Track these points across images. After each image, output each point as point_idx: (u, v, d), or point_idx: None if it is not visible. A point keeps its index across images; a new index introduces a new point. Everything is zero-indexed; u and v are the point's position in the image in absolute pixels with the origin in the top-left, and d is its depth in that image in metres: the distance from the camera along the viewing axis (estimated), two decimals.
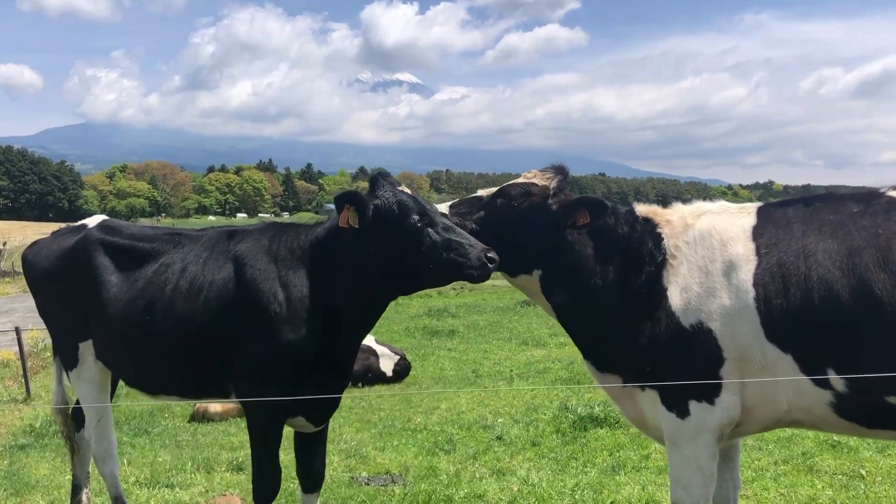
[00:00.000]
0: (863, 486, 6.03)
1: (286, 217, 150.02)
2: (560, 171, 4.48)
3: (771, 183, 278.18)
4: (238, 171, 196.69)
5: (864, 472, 6.35)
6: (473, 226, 4.44)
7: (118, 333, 5.06)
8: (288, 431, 4.99)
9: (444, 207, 4.55)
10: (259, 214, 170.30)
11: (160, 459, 7.88)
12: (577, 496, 6.23)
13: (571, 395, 10.33)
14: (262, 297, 4.66)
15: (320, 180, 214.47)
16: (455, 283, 4.76)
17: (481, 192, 4.59)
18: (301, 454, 5.14)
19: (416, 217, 4.39)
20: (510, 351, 15.14)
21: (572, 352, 14.73)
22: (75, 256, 5.28)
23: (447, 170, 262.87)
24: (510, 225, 4.37)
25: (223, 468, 7.47)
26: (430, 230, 4.37)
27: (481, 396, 10.73)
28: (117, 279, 5.13)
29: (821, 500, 5.82)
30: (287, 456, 5.43)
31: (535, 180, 4.41)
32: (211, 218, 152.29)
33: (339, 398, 5.00)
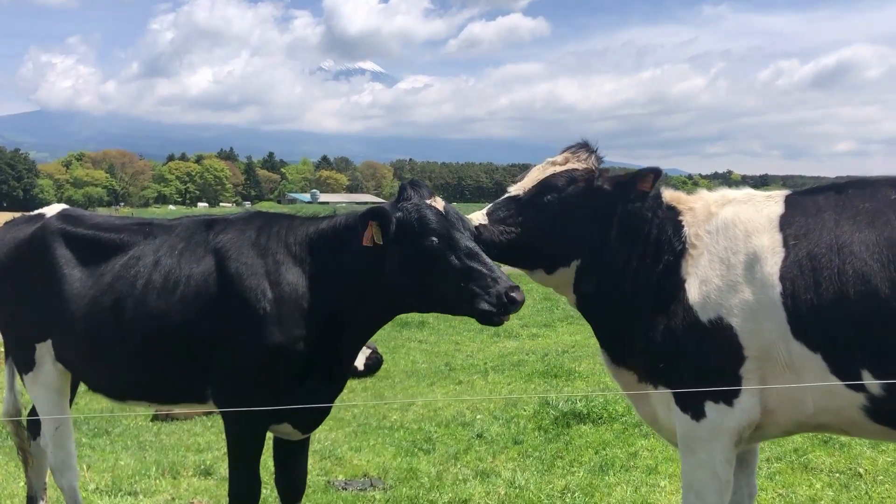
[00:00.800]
0: (864, 486, 5.83)
1: (248, 206, 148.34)
2: (590, 148, 4.16)
3: (729, 173, 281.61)
4: (199, 160, 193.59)
5: (861, 471, 6.15)
6: (519, 229, 4.04)
7: (82, 333, 4.60)
8: (267, 436, 4.60)
9: (479, 216, 4.10)
10: (220, 204, 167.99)
11: (122, 463, 7.43)
12: (567, 500, 5.94)
13: (550, 389, 10.06)
14: (249, 295, 4.23)
15: (282, 169, 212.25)
16: None
17: (514, 190, 4.17)
18: (281, 462, 4.74)
19: (434, 239, 3.96)
20: (482, 343, 14.85)
21: (546, 343, 14.53)
22: (32, 248, 4.79)
23: (410, 159, 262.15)
24: (559, 219, 4.01)
25: (190, 472, 7.04)
26: (449, 254, 3.93)
27: (457, 391, 10.42)
28: (81, 273, 4.66)
29: (822, 501, 5.61)
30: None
31: (573, 164, 4.08)
32: (171, 207, 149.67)
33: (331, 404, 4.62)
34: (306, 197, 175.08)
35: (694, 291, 3.69)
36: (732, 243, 3.68)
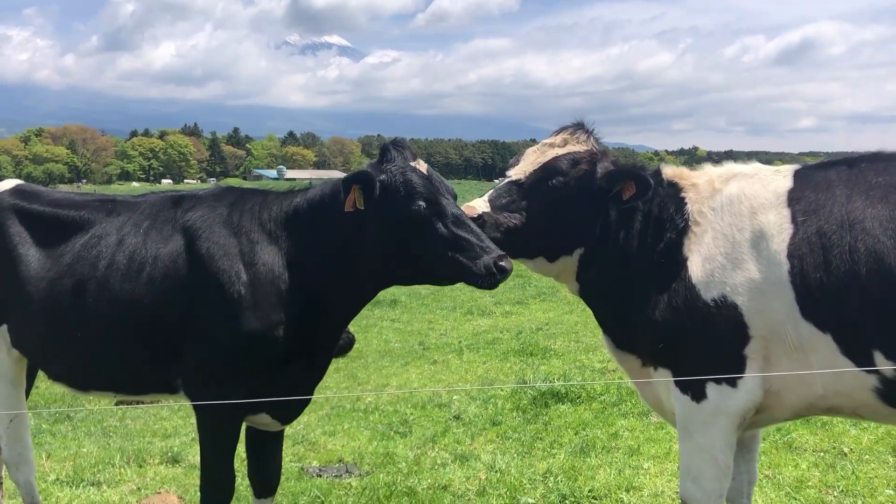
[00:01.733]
0: (850, 466, 5.73)
1: (213, 183, 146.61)
2: (586, 128, 3.97)
3: (695, 149, 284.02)
4: (162, 136, 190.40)
5: (846, 450, 6.06)
6: (523, 215, 3.83)
7: (40, 318, 4.26)
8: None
9: (481, 203, 3.86)
10: (185, 180, 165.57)
11: (84, 451, 7.13)
12: (550, 484, 5.76)
13: (526, 367, 9.92)
14: (221, 277, 3.93)
15: (248, 145, 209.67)
16: None
17: (513, 174, 3.94)
18: (255, 453, 4.47)
19: (421, 203, 3.73)
20: (455, 321, 14.69)
21: (519, 321, 14.41)
22: None
23: (379, 135, 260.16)
24: (564, 204, 3.82)
25: (156, 460, 6.76)
26: (436, 221, 3.72)
27: (432, 371, 10.23)
28: (38, 253, 4.31)
29: (810, 482, 5.49)
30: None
31: (573, 147, 3.89)
32: (135, 184, 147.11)
33: (311, 392, 4.36)
34: (273, 173, 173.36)
35: (697, 269, 3.54)
36: (738, 220, 3.52)
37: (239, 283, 3.92)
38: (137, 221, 4.23)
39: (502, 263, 3.66)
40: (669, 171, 3.91)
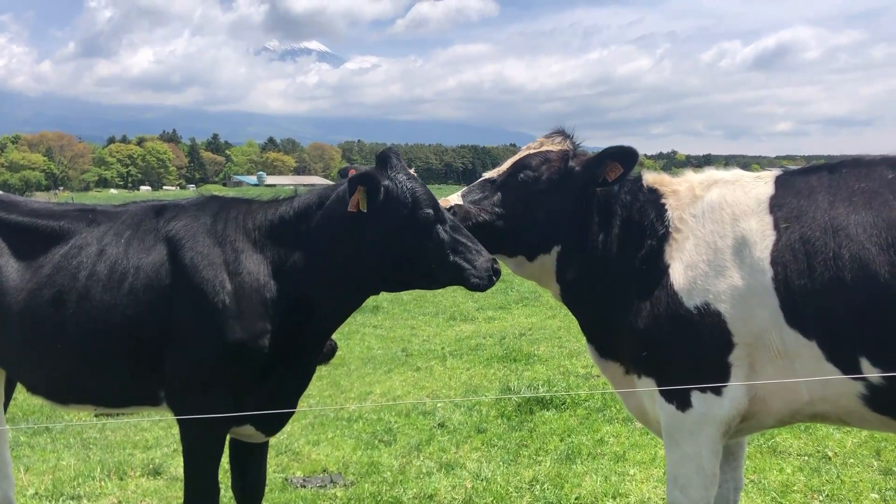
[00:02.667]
0: (834, 470, 5.76)
1: (192, 189, 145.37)
2: (565, 133, 4.03)
3: (674, 153, 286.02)
4: (140, 142, 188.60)
5: (830, 454, 6.09)
6: (495, 210, 3.95)
7: (18, 330, 4.16)
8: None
9: (455, 198, 4.02)
10: (164, 187, 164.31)
11: (64, 464, 7.00)
12: (536, 492, 5.74)
13: (510, 374, 9.89)
14: (206, 287, 3.88)
15: (227, 151, 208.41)
16: None
17: (489, 174, 4.09)
18: (238, 465, 4.40)
19: (429, 210, 3.83)
20: (438, 327, 14.62)
21: (502, 326, 14.37)
22: None
23: (359, 140, 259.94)
24: (534, 199, 3.90)
25: (137, 473, 6.65)
26: (440, 227, 3.85)
27: (416, 378, 10.17)
28: (16, 264, 4.21)
29: (795, 487, 5.51)
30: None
31: (547, 147, 3.97)
32: (113, 191, 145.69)
33: (297, 402, 4.32)
34: (253, 179, 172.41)
35: (679, 277, 3.54)
36: (719, 227, 3.53)
37: (223, 293, 3.88)
38: (118, 231, 4.17)
39: (497, 266, 3.84)
40: (650, 177, 3.92)
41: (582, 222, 3.88)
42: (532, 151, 3.99)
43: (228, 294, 3.88)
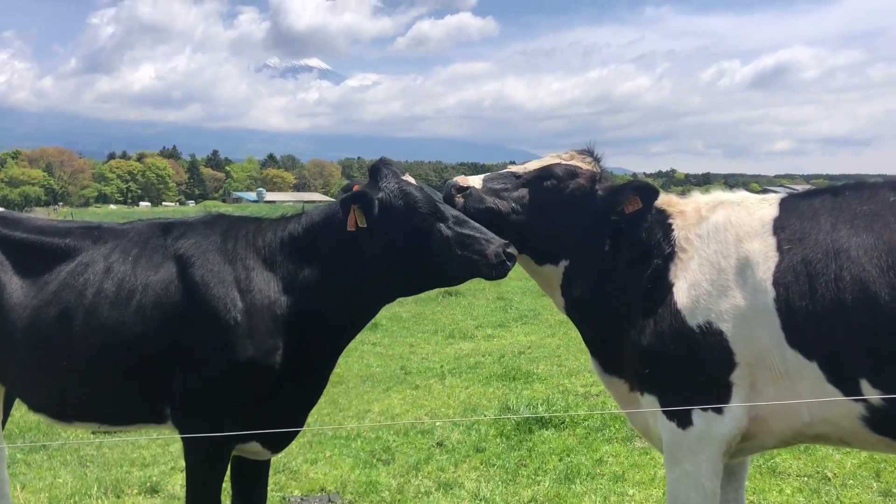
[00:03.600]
0: (834, 491, 5.75)
1: (192, 205, 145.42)
2: (594, 155, 4.08)
3: (673, 171, 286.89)
4: (140, 158, 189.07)
5: (829, 475, 6.08)
6: (512, 205, 3.96)
7: (22, 347, 4.16)
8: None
9: (477, 181, 4.05)
10: (163, 203, 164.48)
11: (60, 481, 6.97)
12: None
13: (509, 392, 9.87)
14: (217, 304, 3.89)
15: (227, 167, 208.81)
16: None
17: (515, 168, 4.13)
18: (240, 482, 4.38)
19: (424, 212, 3.85)
20: (437, 345, 14.59)
21: (501, 344, 14.35)
22: None
23: (359, 157, 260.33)
24: (554, 208, 3.93)
25: (135, 490, 6.63)
26: (440, 225, 3.87)
27: (414, 396, 10.15)
28: (21, 281, 4.21)
29: None
30: None
31: (576, 163, 4.00)
32: (112, 207, 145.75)
33: (304, 419, 4.31)
34: (252, 196, 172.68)
35: (682, 295, 3.57)
36: (723, 247, 3.56)
37: (235, 311, 3.89)
38: (125, 249, 4.18)
39: (510, 250, 3.84)
40: (659, 198, 3.95)
41: (593, 243, 3.92)
42: (562, 162, 4.03)
43: (240, 311, 3.90)
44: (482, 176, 4.12)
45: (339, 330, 4.13)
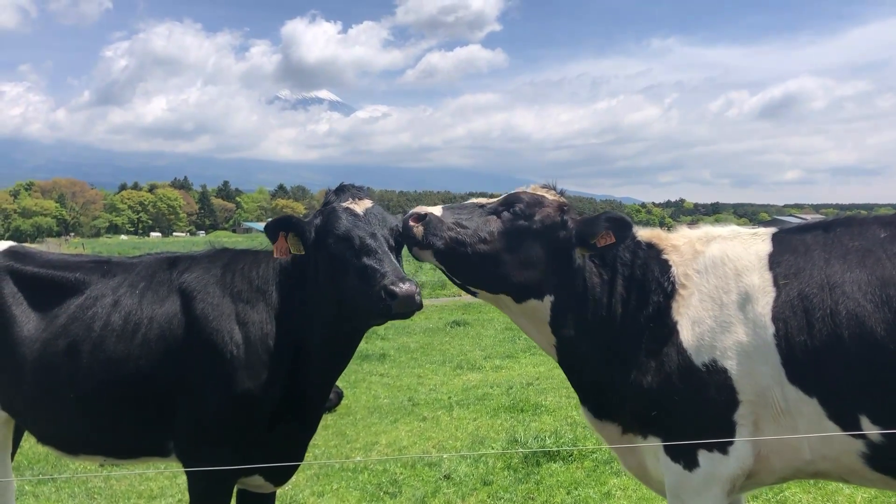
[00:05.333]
0: None
1: (202, 236, 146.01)
2: (559, 191, 3.97)
3: (682, 201, 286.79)
4: (152, 189, 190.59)
5: None
6: (478, 234, 3.70)
7: (31, 379, 4.23)
8: None
9: (438, 210, 3.83)
10: (174, 234, 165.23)
11: None
12: None
13: (517, 424, 9.83)
14: (216, 338, 3.95)
15: (238, 198, 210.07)
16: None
17: (479, 200, 3.96)
18: None
19: (331, 240, 3.73)
20: (445, 375, 14.55)
21: (509, 375, 14.30)
22: None
23: (368, 187, 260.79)
24: (523, 236, 3.71)
25: None
26: (347, 254, 3.69)
27: (422, 428, 10.12)
28: (31, 314, 4.30)
29: None
30: None
31: (542, 193, 3.86)
32: (123, 237, 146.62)
33: (304, 451, 4.33)
34: (262, 226, 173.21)
35: (687, 333, 3.51)
36: (723, 282, 3.53)
37: (232, 343, 3.94)
38: (133, 282, 4.25)
39: (392, 287, 3.47)
40: (646, 233, 3.88)
41: (579, 276, 3.75)
42: (528, 190, 3.91)
43: (237, 344, 3.94)
44: (442, 206, 3.88)
45: (326, 359, 4.06)
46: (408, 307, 3.50)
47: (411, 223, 3.76)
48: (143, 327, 4.08)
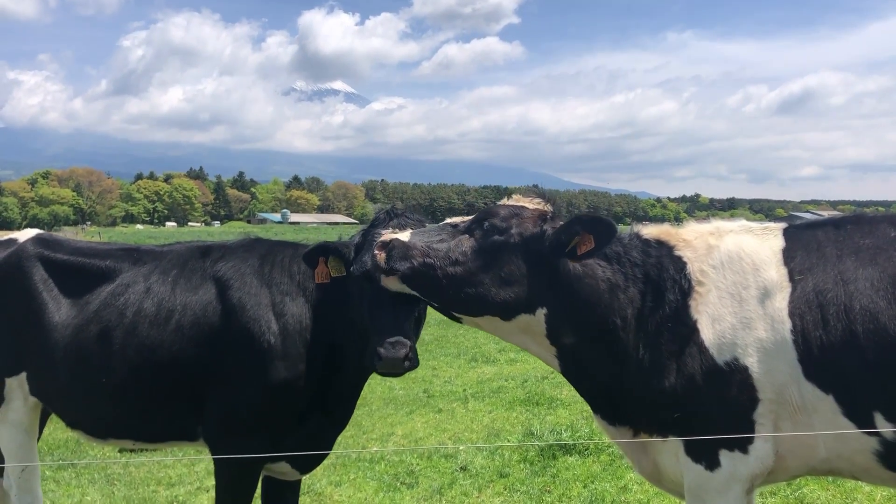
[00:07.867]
0: None
1: (217, 226, 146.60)
2: (546, 197, 3.80)
3: (697, 196, 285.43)
4: (167, 179, 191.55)
5: None
6: (451, 255, 3.52)
7: (63, 365, 4.27)
8: None
9: (405, 235, 3.62)
10: (189, 223, 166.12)
11: (88, 499, 7.07)
12: None
13: (533, 417, 9.85)
14: (253, 327, 3.97)
15: (253, 189, 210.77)
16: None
17: (452, 220, 3.80)
18: (269, 502, 4.45)
19: (356, 276, 3.80)
20: (460, 368, 14.58)
21: (524, 368, 14.30)
22: (6, 274, 4.43)
23: (382, 179, 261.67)
24: (501, 253, 3.54)
25: None
26: (360, 300, 3.79)
27: (437, 420, 10.15)
28: (62, 301, 4.33)
29: None
30: None
31: (523, 203, 3.72)
32: (139, 227, 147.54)
33: (332, 444, 4.34)
34: (277, 217, 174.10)
35: (708, 332, 3.42)
36: (742, 277, 3.45)
37: (269, 334, 3.96)
38: (165, 270, 4.28)
39: (380, 349, 3.50)
40: (652, 230, 3.75)
41: (572, 284, 3.57)
42: (505, 203, 3.77)
43: (274, 334, 3.97)
44: (409, 231, 3.69)
45: (359, 359, 3.99)
46: (391, 369, 3.56)
47: (376, 251, 3.58)
48: (177, 314, 4.11)
